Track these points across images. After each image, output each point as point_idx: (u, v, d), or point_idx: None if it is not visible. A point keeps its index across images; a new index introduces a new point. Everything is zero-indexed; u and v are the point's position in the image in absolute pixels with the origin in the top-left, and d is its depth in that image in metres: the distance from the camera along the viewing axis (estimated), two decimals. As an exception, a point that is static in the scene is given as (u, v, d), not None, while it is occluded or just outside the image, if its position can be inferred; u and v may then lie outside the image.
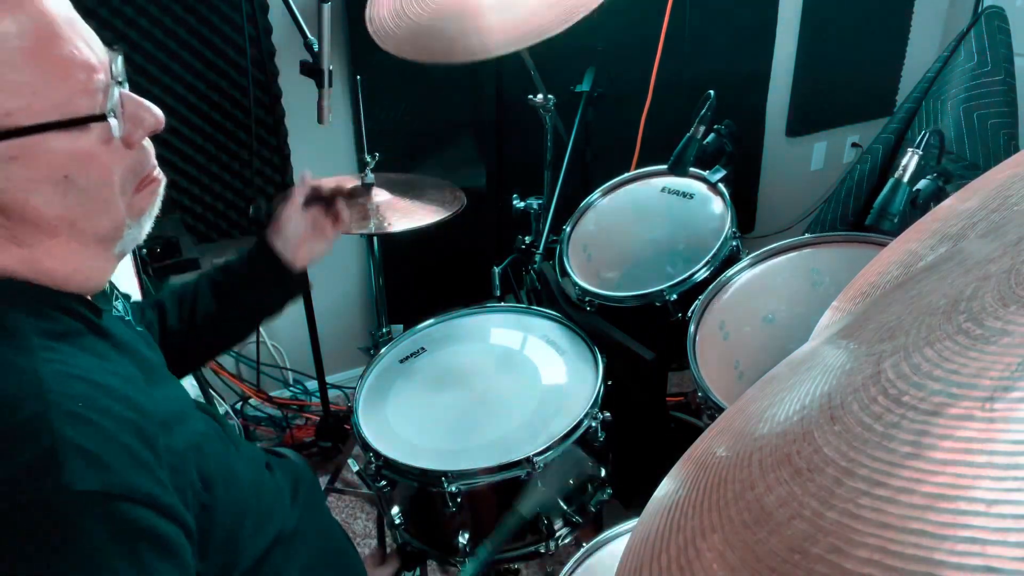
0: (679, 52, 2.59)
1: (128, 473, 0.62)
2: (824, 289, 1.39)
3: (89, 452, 0.60)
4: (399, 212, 1.71)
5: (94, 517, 0.58)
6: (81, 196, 0.66)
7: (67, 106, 0.63)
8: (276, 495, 0.91)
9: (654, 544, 0.43)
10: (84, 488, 0.58)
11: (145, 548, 0.61)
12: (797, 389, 0.45)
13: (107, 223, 0.70)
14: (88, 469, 0.59)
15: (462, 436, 1.31)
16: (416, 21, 1.67)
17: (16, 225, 0.64)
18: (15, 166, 0.61)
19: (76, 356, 0.66)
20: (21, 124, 0.60)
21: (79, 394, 0.62)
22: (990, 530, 0.28)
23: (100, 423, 0.62)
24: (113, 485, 0.60)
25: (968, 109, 2.32)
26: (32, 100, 0.61)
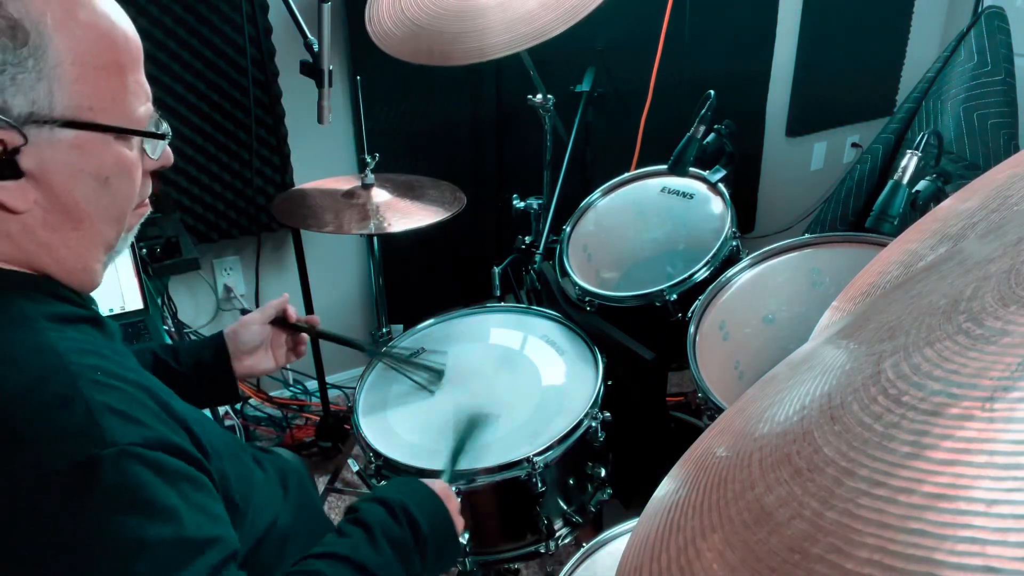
0: (679, 52, 2.59)
1: (158, 428, 0.68)
2: (824, 289, 1.39)
3: (122, 411, 0.65)
4: (399, 212, 1.71)
5: (143, 464, 0.64)
6: (111, 199, 0.75)
7: (130, 118, 0.73)
8: (266, 488, 0.91)
9: (654, 544, 0.43)
10: (128, 440, 0.64)
11: (188, 487, 0.67)
12: (797, 389, 0.45)
13: (115, 231, 0.78)
14: (126, 425, 0.65)
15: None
16: (415, 22, 1.67)
17: (53, 208, 0.70)
18: (77, 154, 0.69)
19: (81, 336, 0.72)
20: (97, 121, 0.70)
21: (96, 365, 0.68)
22: (990, 530, 0.28)
23: (122, 388, 0.68)
24: (149, 438, 0.66)
25: (968, 109, 2.32)
26: (110, 105, 0.71)
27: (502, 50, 1.54)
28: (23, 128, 0.65)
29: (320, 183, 1.89)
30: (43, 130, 0.66)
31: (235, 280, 2.34)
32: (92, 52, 0.68)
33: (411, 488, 1.00)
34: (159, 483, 0.64)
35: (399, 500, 0.93)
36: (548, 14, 1.52)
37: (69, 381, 0.64)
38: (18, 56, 0.64)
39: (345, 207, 1.73)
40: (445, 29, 1.62)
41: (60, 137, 0.68)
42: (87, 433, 0.62)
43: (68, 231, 0.73)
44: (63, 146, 0.68)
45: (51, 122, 0.67)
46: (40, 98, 0.66)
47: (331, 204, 1.76)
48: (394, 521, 0.91)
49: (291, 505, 0.96)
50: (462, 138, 2.46)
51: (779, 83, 3.00)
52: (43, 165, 0.68)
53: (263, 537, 0.85)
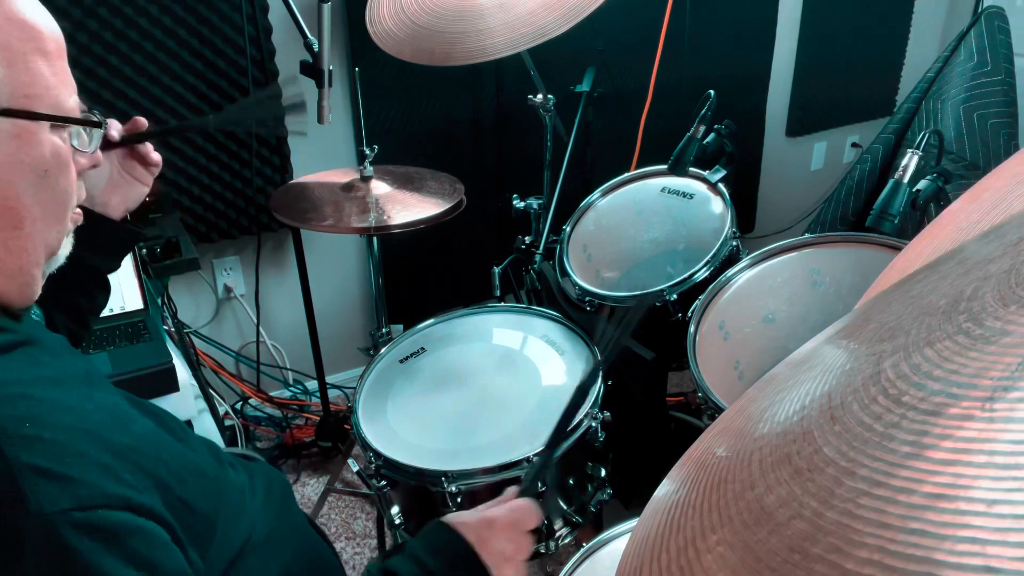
0: (679, 52, 2.59)
1: (95, 481, 0.62)
2: (824, 289, 1.39)
3: (50, 471, 0.59)
4: (399, 204, 1.70)
5: (78, 533, 0.58)
6: (50, 196, 0.71)
7: (63, 108, 0.71)
8: (241, 494, 0.88)
9: (654, 544, 0.43)
10: (56, 508, 0.58)
11: (136, 545, 0.61)
12: (797, 389, 0.45)
13: (56, 232, 0.74)
14: (54, 488, 0.58)
15: (462, 436, 1.31)
16: (416, 22, 1.67)
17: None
18: (15, 145, 0.67)
19: (9, 370, 0.66)
20: (34, 109, 0.67)
21: (23, 414, 0.62)
22: (990, 530, 0.28)
23: (52, 439, 0.61)
24: (83, 497, 0.60)
25: (968, 109, 2.32)
26: (44, 92, 0.68)
27: (503, 50, 1.54)
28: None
29: (319, 176, 1.89)
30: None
31: (235, 280, 2.34)
32: (19, 39, 0.67)
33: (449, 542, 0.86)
34: (96, 549, 0.59)
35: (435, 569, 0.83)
36: (549, 14, 1.52)
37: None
38: None
39: (344, 200, 1.73)
40: (446, 29, 1.62)
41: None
42: (10, 503, 0.57)
43: (8, 230, 0.68)
44: (2, 137, 0.66)
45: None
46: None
47: (330, 197, 1.75)
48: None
49: (271, 514, 0.92)
50: (462, 138, 2.46)
51: (779, 83, 3.00)
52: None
53: (240, 550, 0.81)
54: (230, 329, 2.41)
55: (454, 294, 2.52)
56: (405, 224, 1.62)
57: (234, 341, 2.42)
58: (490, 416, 1.35)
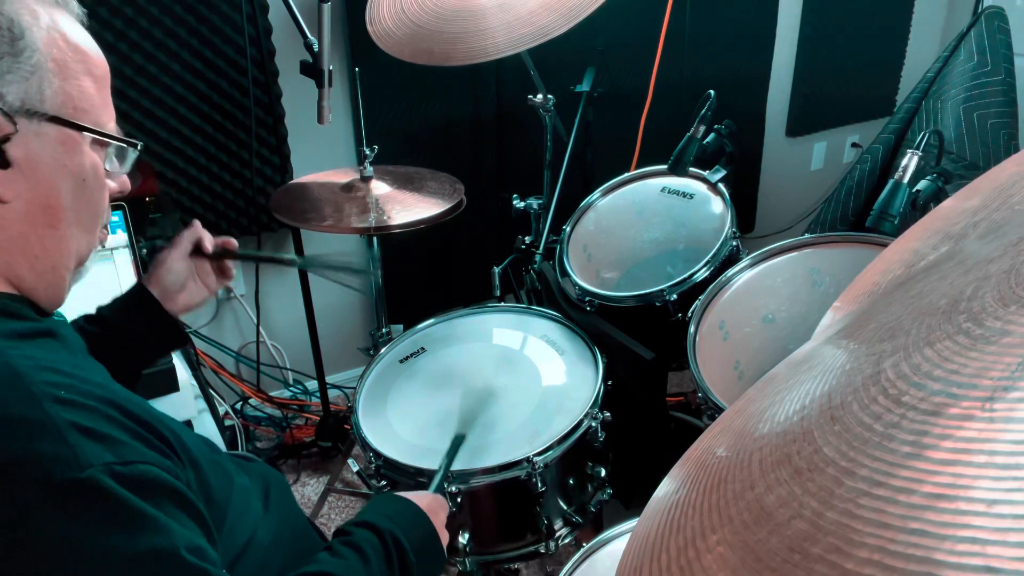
0: (679, 52, 2.59)
1: (131, 443, 0.67)
2: (824, 289, 1.39)
3: (92, 430, 0.64)
4: (399, 204, 1.70)
5: (121, 483, 0.62)
6: (86, 204, 0.76)
7: (104, 126, 0.77)
8: (245, 498, 0.90)
9: (654, 544, 0.43)
10: (103, 460, 0.62)
11: (167, 502, 0.66)
12: (797, 389, 0.45)
13: (87, 241, 0.79)
14: (98, 445, 0.63)
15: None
16: (416, 23, 1.67)
17: (35, 201, 0.72)
18: (61, 150, 0.72)
19: (38, 352, 0.71)
20: (81, 121, 0.73)
21: (58, 382, 0.66)
22: (990, 530, 0.28)
23: (88, 404, 0.66)
24: (123, 453, 0.65)
25: (968, 109, 2.32)
26: (90, 109, 0.75)
27: (503, 50, 1.54)
28: (15, 117, 0.67)
29: (319, 176, 1.89)
30: (32, 122, 0.69)
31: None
32: (74, 59, 0.73)
33: (399, 511, 0.99)
34: (140, 499, 0.63)
35: (389, 528, 0.93)
36: (549, 14, 1.52)
37: (33, 403, 0.63)
38: (15, 48, 0.68)
39: (344, 200, 1.73)
40: (446, 29, 1.62)
41: (47, 132, 0.71)
42: (60, 457, 0.61)
43: (45, 228, 0.73)
44: (49, 140, 0.71)
45: (40, 115, 0.69)
46: (32, 91, 0.69)
47: (330, 197, 1.75)
48: (383, 550, 0.90)
49: (272, 518, 0.94)
50: (462, 138, 2.46)
51: (779, 83, 3.00)
52: (30, 156, 0.70)
53: (242, 552, 0.83)
54: (230, 329, 2.41)
55: (454, 294, 2.52)
56: (405, 224, 1.62)
57: (234, 341, 2.42)
58: (490, 416, 1.35)
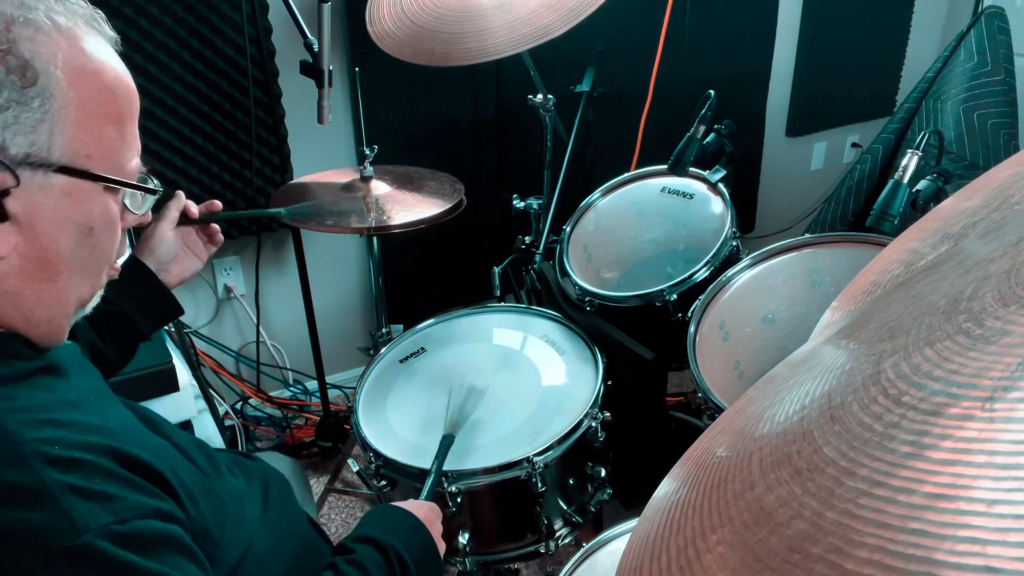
0: (679, 52, 2.59)
1: (125, 495, 0.65)
2: (824, 289, 1.39)
3: (87, 490, 0.62)
4: (399, 204, 1.70)
5: (119, 543, 0.61)
6: (91, 252, 0.72)
7: (122, 171, 0.72)
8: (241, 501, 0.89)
9: (654, 544, 0.43)
10: (100, 523, 0.61)
11: (167, 553, 0.65)
12: (797, 389, 0.45)
13: (89, 287, 0.75)
14: (94, 505, 0.61)
15: (462, 436, 1.31)
16: (416, 23, 1.67)
17: (31, 257, 0.68)
18: (67, 202, 0.67)
19: (31, 396, 0.68)
20: (92, 170, 0.68)
21: (50, 437, 0.64)
22: (990, 530, 0.28)
23: (81, 458, 0.64)
24: (119, 511, 0.63)
25: (968, 109, 2.32)
26: (107, 154, 0.70)
27: (503, 51, 1.54)
28: (17, 170, 0.63)
29: (319, 176, 1.89)
30: (37, 174, 0.65)
31: (235, 280, 2.34)
32: (96, 100, 0.68)
33: (398, 523, 1.00)
34: (139, 557, 0.62)
35: (390, 543, 0.93)
36: (549, 15, 1.52)
37: (24, 467, 0.60)
38: (25, 95, 0.63)
39: (344, 200, 1.73)
40: (446, 30, 1.62)
41: (53, 183, 0.66)
42: (55, 525, 0.59)
43: (42, 282, 0.69)
44: (54, 192, 0.66)
45: (46, 166, 0.65)
46: (40, 140, 0.64)
47: (330, 197, 1.75)
48: (386, 565, 0.91)
49: (271, 520, 0.94)
50: (462, 138, 2.46)
51: (779, 83, 3.00)
52: (30, 210, 0.65)
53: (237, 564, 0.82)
54: (230, 329, 2.41)
55: (454, 294, 2.52)
56: (405, 224, 1.62)
57: (234, 341, 2.42)
58: (490, 416, 1.35)
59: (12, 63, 0.62)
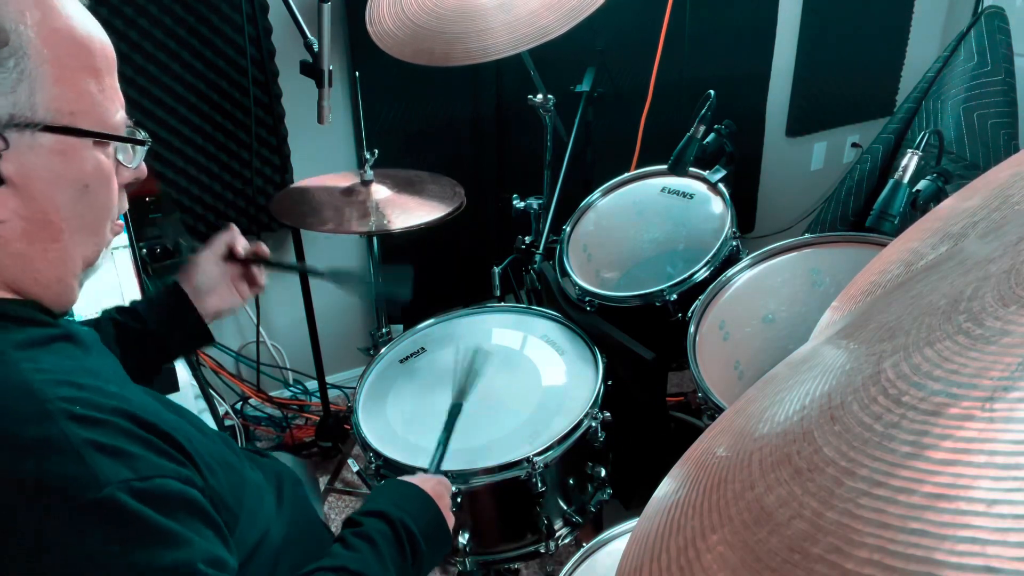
0: (679, 52, 2.59)
1: (146, 455, 0.66)
2: (824, 289, 1.39)
3: (109, 447, 0.63)
4: (399, 208, 1.70)
5: (140, 499, 0.62)
6: (90, 208, 0.73)
7: (108, 124, 0.72)
8: (258, 496, 0.90)
9: (654, 544, 0.43)
10: (121, 478, 0.62)
11: (185, 515, 0.66)
12: (797, 389, 0.45)
13: (93, 245, 0.76)
14: (115, 462, 0.63)
15: (462, 436, 1.31)
16: (416, 23, 1.67)
17: (32, 218, 0.68)
18: (58, 160, 0.68)
19: (53, 361, 0.69)
20: (78, 125, 0.69)
21: (73, 397, 0.65)
22: (990, 530, 0.28)
23: (104, 419, 0.65)
24: (140, 468, 0.64)
25: (968, 109, 2.32)
26: (90, 109, 0.70)
27: (503, 51, 1.54)
28: (4, 132, 0.64)
29: (319, 180, 1.89)
30: (24, 135, 0.65)
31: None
32: (70, 55, 0.68)
33: (407, 497, 1.00)
34: (159, 514, 0.63)
35: (399, 517, 0.94)
36: (549, 15, 1.52)
37: (49, 422, 0.62)
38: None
39: (345, 204, 1.73)
40: (446, 30, 1.62)
41: (41, 142, 0.66)
42: (78, 478, 0.60)
43: (46, 243, 0.70)
44: (44, 151, 0.67)
45: (32, 126, 0.65)
46: (21, 101, 0.64)
47: (330, 201, 1.75)
48: (395, 539, 0.91)
49: (285, 516, 0.94)
50: (462, 138, 2.46)
51: (779, 83, 3.00)
52: (24, 171, 0.66)
53: (253, 551, 0.83)
54: (230, 329, 2.41)
55: (454, 294, 2.52)
56: (405, 228, 1.63)
57: (234, 341, 2.42)
58: (490, 416, 1.35)
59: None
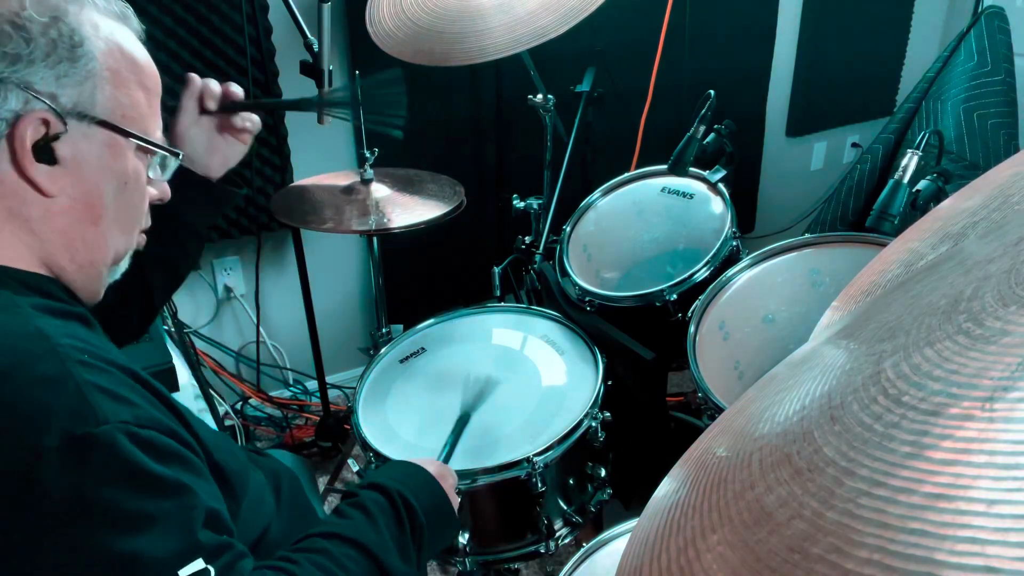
0: (679, 52, 2.59)
1: (148, 409, 0.69)
2: (824, 289, 1.39)
3: (111, 391, 0.66)
4: (399, 207, 1.70)
5: (136, 442, 0.64)
6: (126, 204, 0.81)
7: (151, 135, 0.82)
8: (259, 492, 0.91)
9: (654, 544, 0.43)
10: (120, 418, 0.65)
11: (180, 469, 0.68)
12: (797, 389, 0.45)
13: (124, 242, 0.84)
14: (116, 404, 0.66)
15: (462, 436, 1.31)
16: (416, 23, 1.67)
17: (78, 198, 0.76)
18: (106, 153, 0.77)
19: (65, 328, 0.73)
20: (128, 128, 0.78)
21: (83, 347, 0.69)
22: (990, 530, 0.28)
23: (109, 370, 0.69)
24: (140, 417, 0.67)
25: (968, 109, 2.32)
26: (138, 118, 0.80)
27: (503, 51, 1.54)
28: (66, 118, 0.72)
29: (319, 179, 1.88)
30: (82, 124, 0.74)
31: (235, 280, 2.34)
32: (128, 69, 0.78)
33: (407, 474, 1.00)
34: (153, 460, 0.65)
35: (396, 488, 0.93)
36: (548, 15, 1.52)
37: (57, 361, 0.66)
38: (73, 55, 0.73)
39: (344, 203, 1.73)
40: (446, 30, 1.62)
41: (95, 134, 0.75)
42: (79, 411, 0.63)
43: (87, 224, 0.78)
44: (96, 142, 0.76)
45: (90, 118, 0.74)
46: (84, 95, 0.74)
47: (330, 200, 1.75)
48: (392, 509, 0.91)
49: (284, 514, 0.95)
50: (462, 138, 2.46)
51: (779, 83, 3.00)
52: (77, 156, 0.74)
53: (254, 547, 0.84)
54: (230, 329, 2.41)
55: (454, 294, 2.52)
56: (405, 227, 1.63)
57: (234, 341, 2.42)
58: (490, 416, 1.35)
59: (63, 28, 0.72)
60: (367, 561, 0.83)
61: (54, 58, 0.71)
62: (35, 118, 0.71)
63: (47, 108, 0.71)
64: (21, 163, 0.71)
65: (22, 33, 0.70)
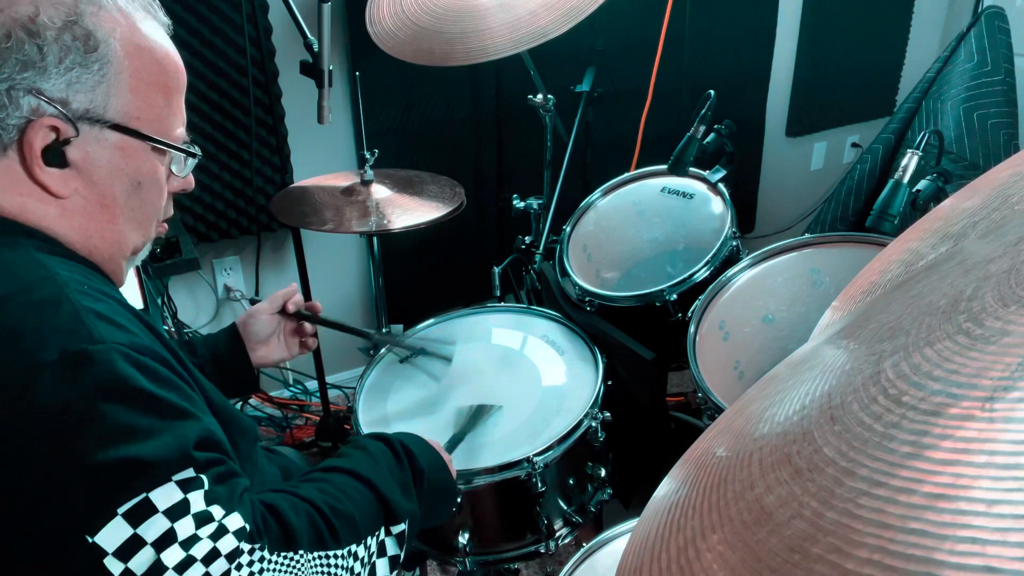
0: (679, 52, 2.59)
1: (146, 339, 0.71)
2: (824, 289, 1.39)
3: (108, 317, 0.69)
4: (399, 208, 1.70)
5: (131, 363, 0.66)
6: (140, 204, 0.82)
7: (169, 136, 0.82)
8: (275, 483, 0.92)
9: (654, 544, 0.43)
10: (116, 340, 0.67)
11: (176, 395, 0.69)
12: (797, 389, 0.45)
13: (140, 236, 0.85)
14: (112, 328, 0.68)
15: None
16: (416, 23, 1.67)
17: (92, 199, 0.77)
18: (119, 156, 0.78)
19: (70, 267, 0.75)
20: (141, 130, 0.78)
21: (83, 280, 0.72)
22: (990, 530, 0.28)
23: (108, 301, 0.72)
24: (136, 343, 0.69)
25: (968, 109, 2.32)
26: (155, 119, 0.79)
27: (503, 51, 1.54)
28: (77, 123, 0.73)
29: (319, 180, 1.89)
30: (94, 128, 0.75)
31: (235, 280, 2.34)
32: (147, 71, 0.78)
33: (405, 436, 1.03)
34: (148, 381, 0.66)
35: (396, 438, 0.96)
36: (549, 15, 1.52)
37: (55, 287, 0.69)
38: (87, 60, 0.73)
39: (345, 204, 1.73)
40: (446, 30, 1.62)
41: (107, 137, 0.76)
42: (75, 330, 0.65)
43: (104, 222, 0.79)
44: (108, 146, 0.76)
45: (102, 122, 0.75)
46: (97, 100, 0.74)
47: (331, 201, 1.75)
48: (391, 450, 0.94)
49: None
50: (462, 138, 2.46)
51: (779, 83, 3.00)
52: (88, 159, 0.75)
53: None
54: (230, 329, 2.41)
55: (454, 294, 2.52)
56: (405, 228, 1.63)
57: (234, 341, 2.42)
58: (490, 416, 1.35)
59: (78, 32, 0.72)
60: (369, 492, 0.85)
61: (67, 64, 0.71)
62: (45, 124, 0.71)
63: (57, 114, 0.71)
64: (31, 167, 0.72)
65: (36, 40, 0.70)
